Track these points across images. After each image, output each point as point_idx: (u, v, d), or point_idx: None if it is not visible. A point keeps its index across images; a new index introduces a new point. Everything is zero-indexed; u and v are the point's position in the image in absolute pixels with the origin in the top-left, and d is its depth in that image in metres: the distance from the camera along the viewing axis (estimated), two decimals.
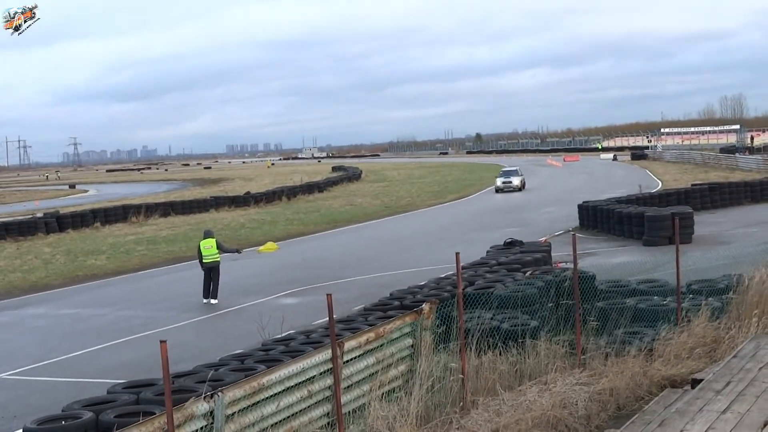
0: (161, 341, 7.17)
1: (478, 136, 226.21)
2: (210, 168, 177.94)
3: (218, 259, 23.04)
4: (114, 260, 33.13)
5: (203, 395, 7.89)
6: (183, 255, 32.42)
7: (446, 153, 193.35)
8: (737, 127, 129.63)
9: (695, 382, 10.31)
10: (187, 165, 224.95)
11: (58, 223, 46.62)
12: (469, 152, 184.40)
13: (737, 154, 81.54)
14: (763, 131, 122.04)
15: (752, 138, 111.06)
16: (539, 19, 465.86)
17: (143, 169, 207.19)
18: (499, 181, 61.18)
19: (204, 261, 22.84)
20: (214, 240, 23.39)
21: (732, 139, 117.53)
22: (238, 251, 26.07)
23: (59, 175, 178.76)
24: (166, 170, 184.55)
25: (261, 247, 22.53)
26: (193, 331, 19.84)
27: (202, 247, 22.97)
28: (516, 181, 60.78)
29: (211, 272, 22.88)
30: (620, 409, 10.85)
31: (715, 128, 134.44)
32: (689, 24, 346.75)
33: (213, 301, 22.61)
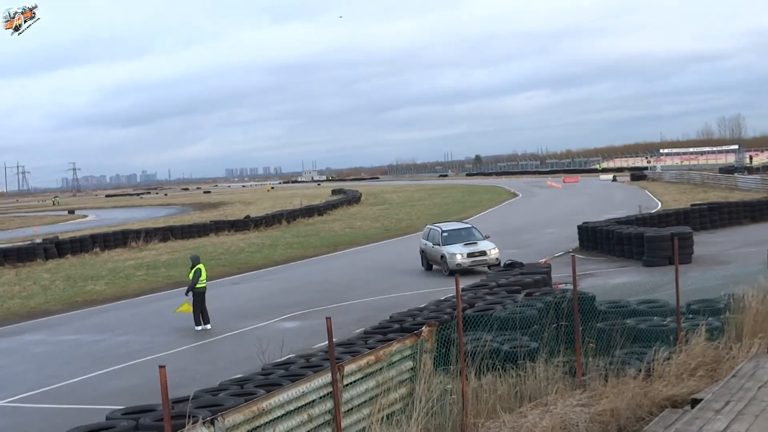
0: (160, 366, 7.17)
1: (478, 158, 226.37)
2: (209, 192, 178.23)
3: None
4: (113, 285, 33.11)
5: (203, 420, 7.87)
6: (183, 279, 32.30)
7: (446, 175, 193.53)
8: (736, 147, 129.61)
9: (695, 402, 10.29)
10: (187, 189, 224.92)
11: (57, 248, 46.62)
12: (468, 174, 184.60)
13: (736, 174, 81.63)
14: (762, 151, 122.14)
15: (751, 158, 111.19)
16: (536, 41, 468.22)
17: (143, 193, 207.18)
18: (458, 255, 29.89)
19: (199, 286, 22.82)
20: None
21: (731, 159, 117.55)
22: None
23: (58, 200, 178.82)
24: (166, 195, 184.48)
25: (177, 308, 22.70)
26: (193, 356, 19.81)
27: (202, 271, 23.03)
28: (492, 249, 30.52)
29: (203, 297, 22.86)
30: (621, 430, 10.81)
31: (714, 148, 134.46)
32: (684, 46, 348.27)
33: (208, 326, 22.57)
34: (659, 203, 57.62)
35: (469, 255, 29.92)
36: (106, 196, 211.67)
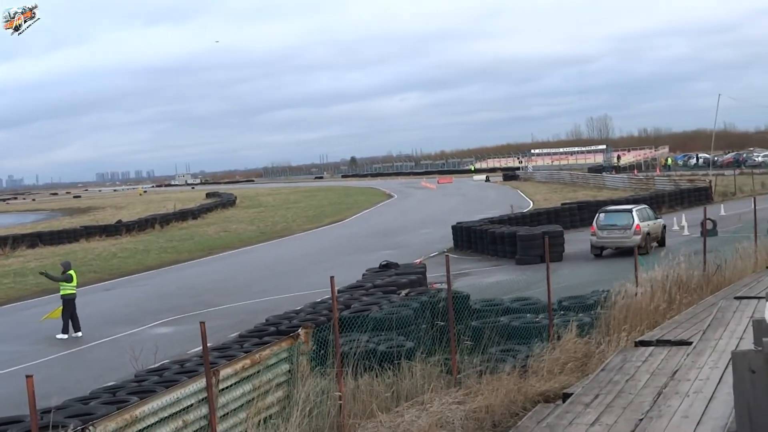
0: (27, 376, 6.95)
1: (353, 159, 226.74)
2: (79, 197, 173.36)
3: None
4: None
5: (73, 430, 7.66)
6: (52, 287, 31.35)
7: (321, 177, 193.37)
8: (604, 147, 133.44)
9: (566, 396, 10.52)
10: (56, 194, 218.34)
11: None
12: (344, 176, 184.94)
13: (604, 174, 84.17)
14: (629, 151, 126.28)
15: (619, 157, 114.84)
16: (409, 44, 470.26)
17: (9, 199, 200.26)
18: None
19: (69, 292, 22.30)
20: None
21: (599, 158, 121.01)
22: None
23: None
24: (34, 200, 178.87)
25: (46, 315, 22.39)
26: (63, 364, 19.28)
27: (74, 277, 22.54)
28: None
29: (73, 304, 22.35)
30: (496, 426, 10.99)
31: (583, 149, 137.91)
32: (552, 49, 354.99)
33: (79, 334, 22.06)
34: (531, 203, 58.93)
35: None
36: None
